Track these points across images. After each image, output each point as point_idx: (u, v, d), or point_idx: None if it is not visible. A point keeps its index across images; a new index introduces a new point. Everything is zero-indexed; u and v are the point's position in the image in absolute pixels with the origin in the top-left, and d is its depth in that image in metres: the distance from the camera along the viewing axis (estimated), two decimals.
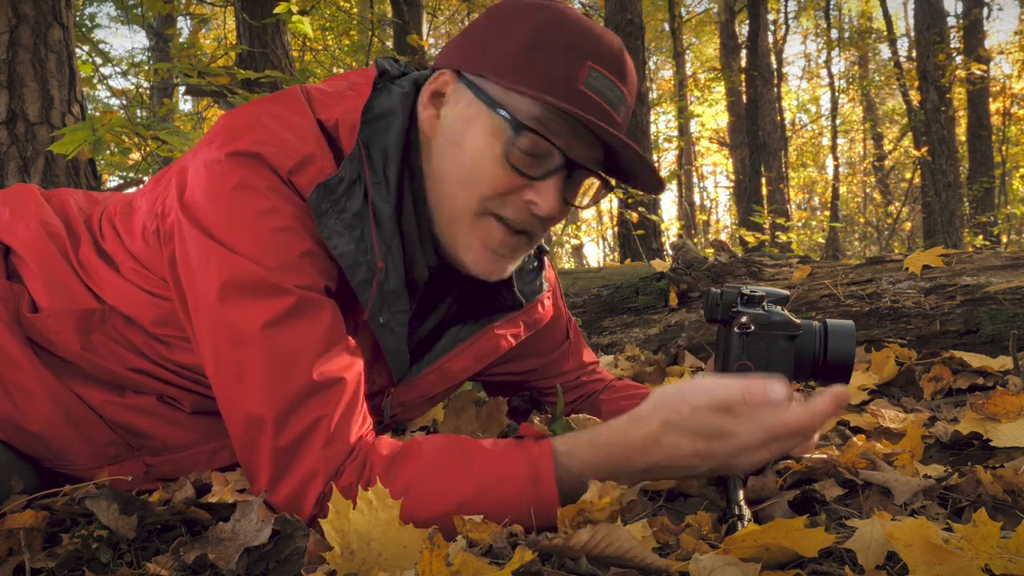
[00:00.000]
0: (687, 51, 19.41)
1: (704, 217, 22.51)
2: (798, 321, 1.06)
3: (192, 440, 1.20)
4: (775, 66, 12.60)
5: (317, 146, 1.08)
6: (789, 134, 16.92)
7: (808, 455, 1.18)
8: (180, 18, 11.56)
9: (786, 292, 1.11)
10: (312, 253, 1.05)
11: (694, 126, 19.17)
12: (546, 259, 1.42)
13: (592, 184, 1.18)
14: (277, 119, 1.08)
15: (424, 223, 1.17)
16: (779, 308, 1.08)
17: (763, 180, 11.35)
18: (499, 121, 1.07)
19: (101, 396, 1.16)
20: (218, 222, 1.03)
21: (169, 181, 1.12)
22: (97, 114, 2.55)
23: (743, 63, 13.04)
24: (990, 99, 12.98)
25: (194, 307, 1.05)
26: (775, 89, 11.89)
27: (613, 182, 1.19)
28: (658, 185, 1.14)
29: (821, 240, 13.21)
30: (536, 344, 1.47)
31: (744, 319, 1.04)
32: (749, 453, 0.96)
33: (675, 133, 17.21)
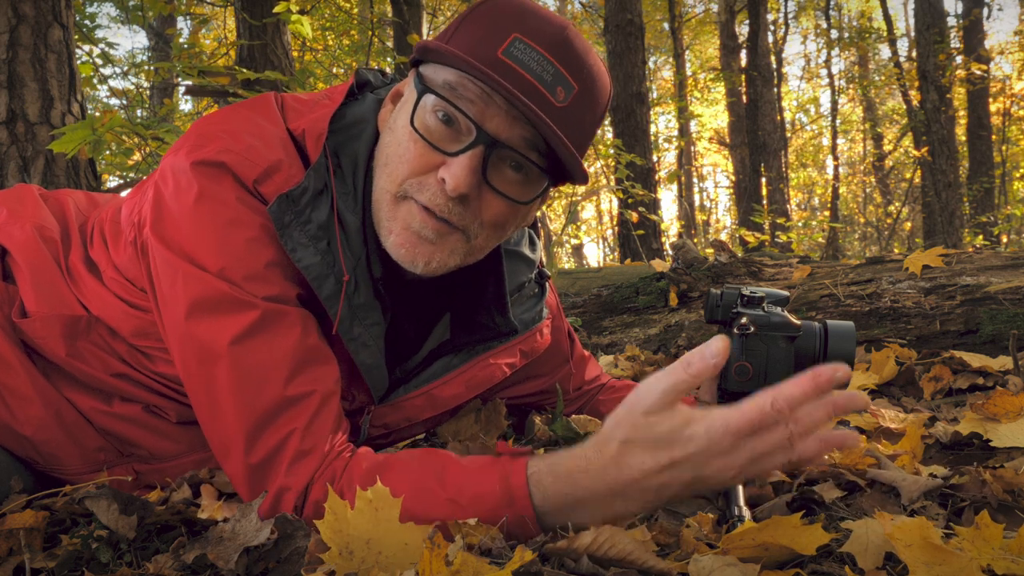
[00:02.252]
0: (687, 51, 19.40)
1: (704, 217, 22.52)
2: (798, 322, 1.06)
3: (178, 450, 1.20)
4: (775, 66, 12.59)
5: (286, 154, 1.06)
6: (789, 134, 16.92)
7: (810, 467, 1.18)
8: (180, 18, 11.55)
9: (786, 293, 1.11)
10: (279, 262, 1.04)
11: (694, 126, 19.17)
12: (548, 284, 1.38)
13: (538, 178, 1.07)
14: (246, 125, 1.07)
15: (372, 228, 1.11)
16: (779, 309, 1.08)
17: (763, 180, 11.35)
18: (417, 93, 1.03)
19: (89, 402, 1.15)
20: (183, 235, 1.02)
21: (147, 189, 1.12)
22: (97, 114, 2.55)
23: (743, 63, 13.04)
24: (990, 99, 12.98)
25: (167, 322, 1.05)
26: (775, 89, 11.88)
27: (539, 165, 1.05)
28: (578, 171, 1.04)
29: (821, 240, 13.21)
30: (537, 367, 1.45)
31: (744, 320, 1.04)
32: (720, 458, 0.86)
33: (675, 133, 17.22)
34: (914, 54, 12.13)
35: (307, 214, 1.04)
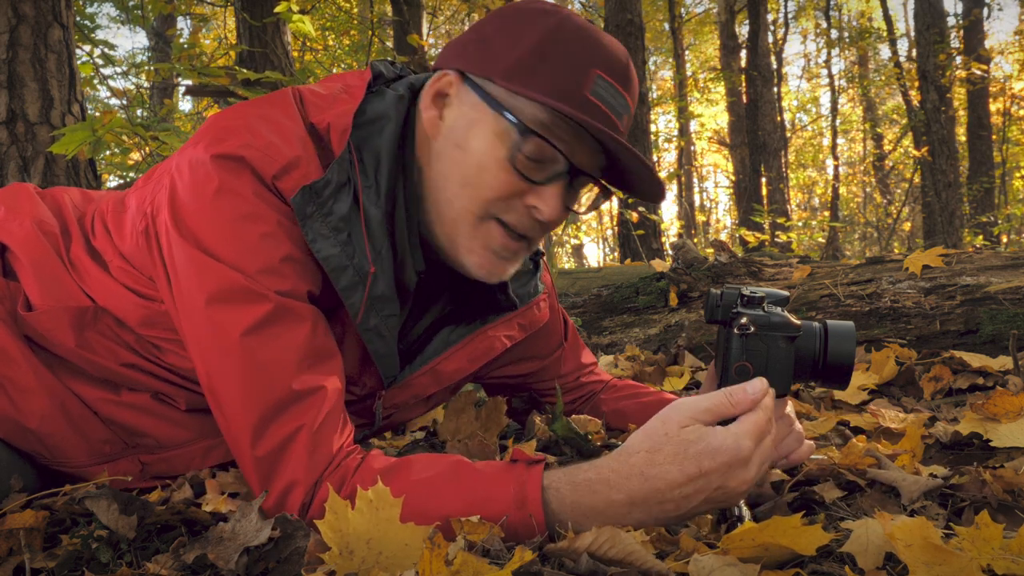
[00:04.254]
0: (687, 51, 19.40)
1: (704, 217, 22.52)
2: (798, 322, 1.06)
3: (187, 438, 1.20)
4: (775, 66, 12.60)
5: (304, 150, 1.07)
6: (789, 134, 16.92)
7: (812, 457, 1.18)
8: (180, 18, 11.56)
9: (786, 293, 1.11)
10: (294, 258, 1.05)
11: (694, 126, 19.17)
12: (542, 261, 1.41)
13: (592, 190, 1.18)
14: (266, 121, 1.08)
15: (415, 227, 1.16)
16: (779, 309, 1.08)
17: (763, 180, 11.36)
18: (505, 124, 1.07)
19: (96, 393, 1.16)
20: (200, 227, 1.03)
21: (159, 179, 1.12)
22: (97, 114, 2.55)
23: (743, 63, 13.05)
24: (990, 99, 12.98)
25: (181, 312, 1.06)
26: (775, 89, 11.88)
27: (615, 192, 1.20)
28: (659, 193, 1.14)
29: (821, 240, 13.21)
30: (533, 347, 1.47)
31: (744, 320, 1.04)
32: (742, 469, 0.90)
33: (675, 133, 17.22)
34: (914, 54, 12.13)
35: (329, 206, 1.06)
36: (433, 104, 1.13)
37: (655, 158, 11.58)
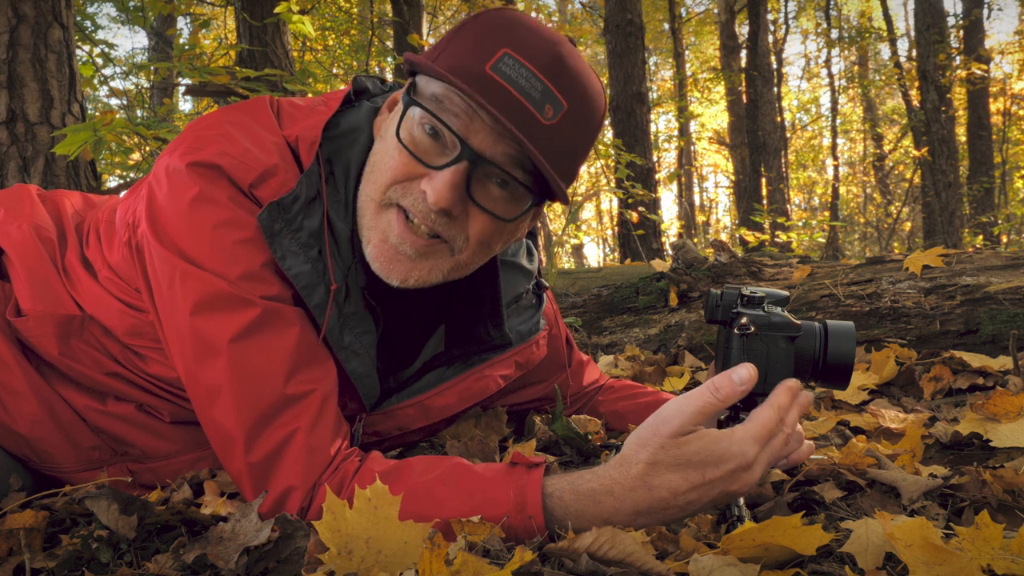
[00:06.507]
0: (687, 51, 19.40)
1: (704, 217, 22.52)
2: (798, 322, 1.06)
3: (172, 450, 1.20)
4: (775, 66, 12.59)
5: (281, 159, 1.06)
6: (789, 134, 16.92)
7: (812, 457, 1.18)
8: (180, 18, 11.55)
9: (786, 293, 1.11)
10: (275, 263, 1.04)
11: (694, 126, 19.16)
12: (546, 295, 1.38)
13: (524, 196, 1.06)
14: (241, 129, 1.07)
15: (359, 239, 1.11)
16: (779, 309, 1.08)
17: (763, 180, 11.35)
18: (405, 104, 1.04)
19: (82, 401, 1.16)
20: (180, 235, 1.02)
21: (141, 190, 1.12)
22: (97, 114, 2.55)
23: (743, 63, 13.04)
24: (990, 99, 12.98)
25: (165, 321, 1.05)
26: (775, 89, 11.88)
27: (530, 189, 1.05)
28: (560, 191, 1.04)
29: (821, 240, 13.20)
30: (534, 376, 1.46)
31: (744, 320, 1.04)
32: (747, 472, 0.90)
33: (675, 133, 17.22)
34: (914, 54, 12.12)
35: (299, 221, 1.04)
36: (386, 109, 1.12)
37: (655, 158, 11.57)
